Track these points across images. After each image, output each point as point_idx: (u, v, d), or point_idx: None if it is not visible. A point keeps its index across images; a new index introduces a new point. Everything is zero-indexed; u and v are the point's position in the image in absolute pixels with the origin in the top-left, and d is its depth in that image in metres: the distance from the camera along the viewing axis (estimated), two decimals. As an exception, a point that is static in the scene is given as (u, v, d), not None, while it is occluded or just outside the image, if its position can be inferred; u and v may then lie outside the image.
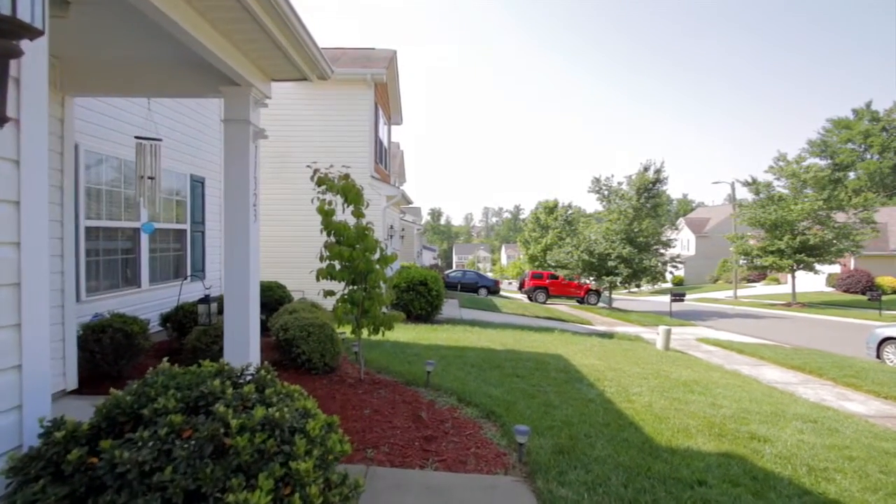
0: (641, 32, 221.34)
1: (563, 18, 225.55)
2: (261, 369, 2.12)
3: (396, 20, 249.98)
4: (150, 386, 1.71)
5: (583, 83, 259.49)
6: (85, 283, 5.02)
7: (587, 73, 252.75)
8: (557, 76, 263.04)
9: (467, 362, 6.65)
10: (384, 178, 14.13)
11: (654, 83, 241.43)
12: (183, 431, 1.47)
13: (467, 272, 29.09)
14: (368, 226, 5.07)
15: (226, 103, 3.68)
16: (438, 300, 11.89)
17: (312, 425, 1.72)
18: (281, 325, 5.59)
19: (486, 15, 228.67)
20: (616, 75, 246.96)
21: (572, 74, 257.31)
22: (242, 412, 1.60)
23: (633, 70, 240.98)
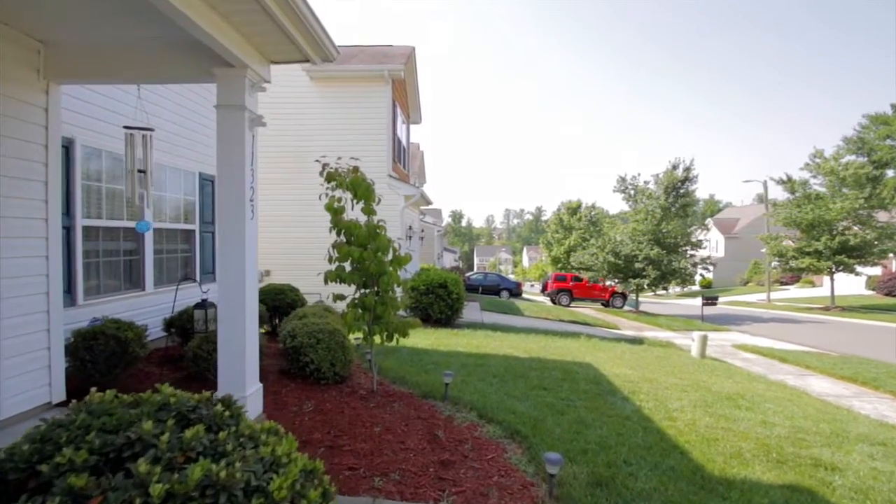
0: (664, 33, 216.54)
1: (585, 19, 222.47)
2: (218, 402, 1.69)
3: (416, 20, 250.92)
4: (65, 427, 1.31)
5: (604, 86, 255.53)
6: (82, 285, 4.76)
7: (608, 75, 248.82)
8: (578, 78, 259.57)
9: (489, 372, 6.17)
10: (403, 177, 13.77)
11: (677, 85, 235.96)
12: (90, 501, 1.06)
13: (489, 274, 28.54)
14: (380, 224, 4.66)
15: (219, 87, 3.32)
16: (459, 303, 11.43)
17: (279, 484, 1.28)
18: (288, 332, 5.22)
19: (509, 13, 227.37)
20: (638, 77, 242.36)
21: (593, 77, 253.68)
22: (177, 469, 1.17)
23: (654, 72, 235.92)
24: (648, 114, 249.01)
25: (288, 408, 4.17)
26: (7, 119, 3.28)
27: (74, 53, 3.53)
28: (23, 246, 3.40)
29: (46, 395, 3.63)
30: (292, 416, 3.97)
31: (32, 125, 3.46)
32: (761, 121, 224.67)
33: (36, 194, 3.50)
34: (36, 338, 3.52)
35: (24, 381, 3.43)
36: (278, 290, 7.75)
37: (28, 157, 3.43)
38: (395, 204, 11.72)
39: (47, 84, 3.56)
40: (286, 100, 11.85)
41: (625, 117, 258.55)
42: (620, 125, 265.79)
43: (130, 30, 3.30)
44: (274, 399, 4.37)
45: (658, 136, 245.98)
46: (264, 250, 11.79)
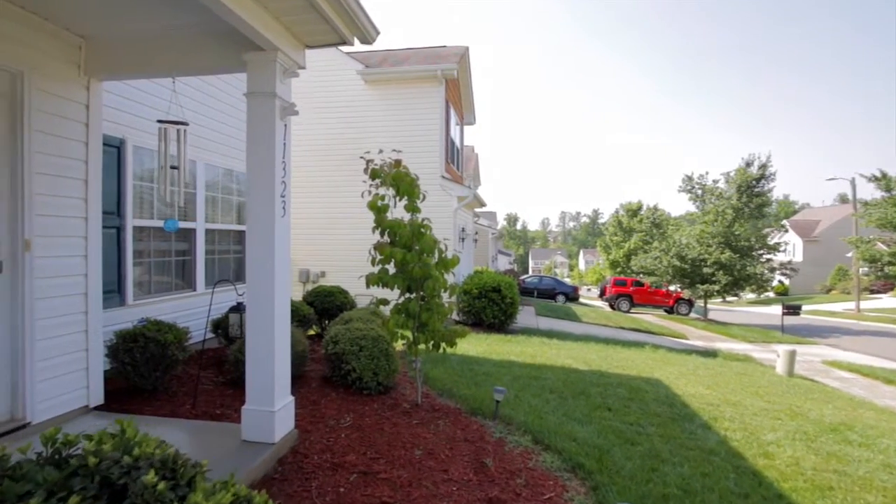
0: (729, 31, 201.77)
1: (642, 24, 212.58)
2: (175, 458, 1.34)
3: (472, 23, 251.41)
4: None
5: (660, 86, 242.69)
6: (132, 286, 4.76)
7: (665, 76, 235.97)
8: (639, 84, 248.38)
9: (545, 386, 5.59)
10: (456, 179, 13.40)
11: (741, 81, 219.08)
12: None
13: (544, 278, 27.52)
14: (425, 223, 4.26)
15: (248, 74, 3.07)
16: (513, 308, 10.86)
17: None
18: (331, 337, 4.96)
19: (568, 22, 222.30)
20: (696, 76, 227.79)
21: (649, 78, 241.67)
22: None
23: (716, 70, 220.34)
24: (713, 115, 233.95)
25: (325, 421, 3.87)
26: (47, 116, 3.22)
27: (113, 48, 3.44)
28: (60, 245, 3.33)
29: (84, 399, 3.56)
30: (328, 432, 3.66)
31: (73, 122, 3.40)
32: (836, 123, 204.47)
33: (75, 192, 3.43)
34: (73, 339, 3.45)
35: (60, 385, 3.36)
36: (327, 292, 7.61)
37: (68, 154, 3.37)
38: (447, 205, 11.38)
39: (88, 80, 3.49)
40: (342, 104, 11.89)
41: (688, 119, 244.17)
42: (683, 128, 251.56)
43: (163, 18, 3.14)
44: (312, 411, 4.09)
45: (725, 138, 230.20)
46: (320, 252, 11.91)
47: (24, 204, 3.10)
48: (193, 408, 3.92)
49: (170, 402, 4.04)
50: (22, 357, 3.15)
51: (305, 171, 11.77)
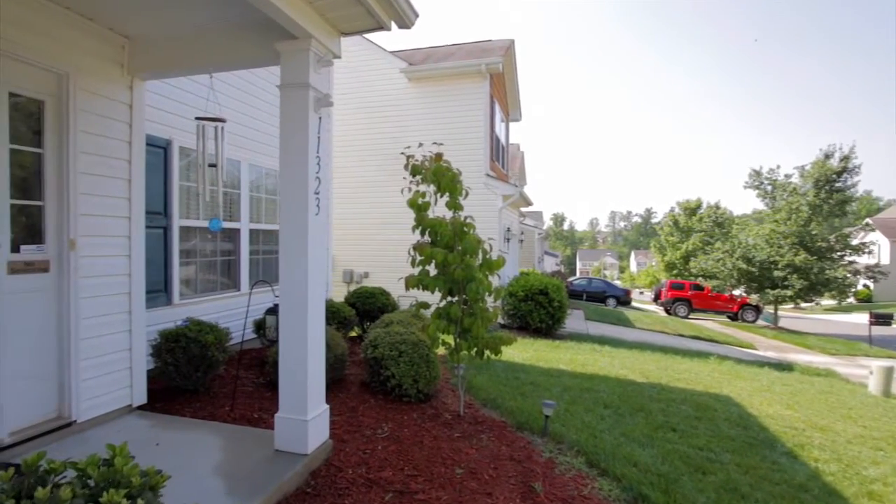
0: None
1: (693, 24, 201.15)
2: None
3: (518, 15, 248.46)
4: None
5: (714, 80, 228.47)
6: (178, 285, 4.81)
7: (719, 69, 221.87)
8: (684, 74, 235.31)
9: (599, 400, 5.13)
10: (501, 177, 13.02)
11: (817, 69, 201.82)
12: None
13: (593, 280, 26.41)
14: (468, 221, 3.98)
15: (282, 65, 2.93)
16: (561, 312, 10.34)
17: None
18: (370, 341, 4.78)
19: (621, 22, 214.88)
20: (757, 69, 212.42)
21: (704, 71, 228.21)
22: None
23: (777, 64, 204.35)
24: (783, 107, 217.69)
25: (362, 431, 3.68)
26: (91, 116, 3.24)
27: (153, 47, 3.43)
28: (104, 244, 3.35)
29: (127, 398, 3.56)
30: (364, 443, 3.46)
31: (116, 122, 3.41)
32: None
33: (119, 192, 3.44)
34: (116, 339, 3.46)
35: (103, 384, 3.37)
36: (369, 293, 7.50)
37: (111, 154, 3.37)
38: (492, 204, 11.04)
39: (131, 80, 3.50)
40: (385, 103, 11.86)
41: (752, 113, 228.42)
42: (745, 124, 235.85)
43: (199, 13, 3.07)
44: (349, 418, 3.91)
45: (796, 131, 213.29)
46: (364, 252, 11.93)
47: (69, 204, 3.12)
48: (232, 410, 3.85)
49: (210, 403, 4.00)
50: (68, 356, 3.17)
51: (348, 171, 11.84)
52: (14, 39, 2.81)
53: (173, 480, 2.70)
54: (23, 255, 2.98)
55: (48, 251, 3.10)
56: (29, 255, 3.01)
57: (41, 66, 2.99)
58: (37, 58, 2.94)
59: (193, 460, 2.90)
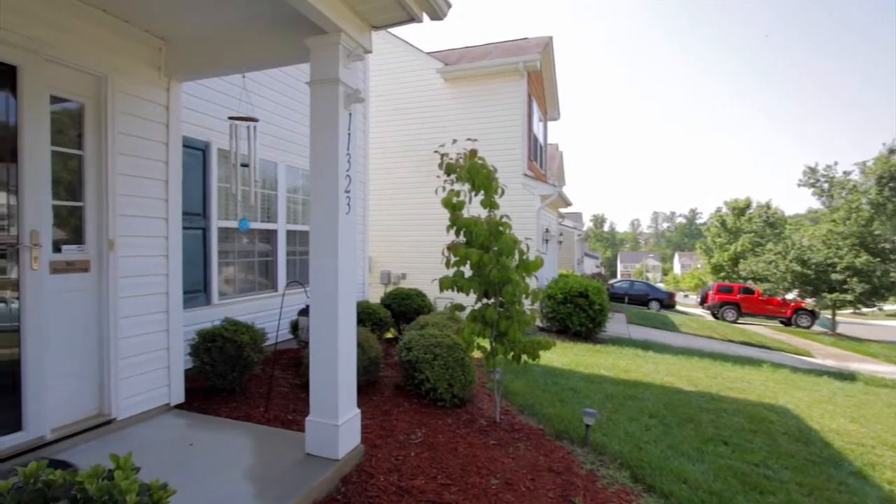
0: None
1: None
2: None
3: (557, 13, 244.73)
4: None
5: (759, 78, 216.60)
6: (217, 286, 4.89)
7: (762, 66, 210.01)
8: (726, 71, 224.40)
9: (643, 409, 4.83)
10: (539, 177, 12.73)
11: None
12: None
13: (635, 282, 25.45)
14: (504, 220, 3.81)
15: (311, 61, 2.87)
16: (601, 315, 9.95)
17: None
18: (405, 343, 4.69)
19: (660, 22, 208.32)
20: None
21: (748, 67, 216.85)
22: None
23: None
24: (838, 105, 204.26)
25: (395, 436, 3.58)
26: (129, 117, 3.30)
27: (189, 48, 3.47)
28: (142, 245, 3.40)
29: (165, 397, 3.61)
30: (397, 449, 3.35)
31: (153, 123, 3.46)
32: None
33: (156, 193, 3.49)
34: (154, 338, 3.51)
35: (142, 382, 3.42)
36: (405, 294, 7.44)
37: (148, 155, 3.43)
38: (530, 204, 10.79)
39: (168, 81, 3.55)
40: (421, 104, 11.84)
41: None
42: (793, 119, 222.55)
43: (232, 11, 3.05)
44: (382, 422, 3.82)
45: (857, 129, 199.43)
46: (400, 253, 11.93)
47: (108, 204, 3.19)
48: (266, 411, 3.85)
49: (246, 403, 4.02)
50: (107, 354, 3.24)
51: (385, 172, 11.87)
52: (54, 43, 2.89)
53: (204, 482, 2.70)
54: (64, 255, 3.06)
55: (88, 251, 3.18)
56: (70, 255, 3.09)
57: (80, 69, 3.07)
58: (76, 60, 3.02)
59: (225, 462, 2.88)
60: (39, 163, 2.86)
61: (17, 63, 2.79)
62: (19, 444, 2.80)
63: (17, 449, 2.78)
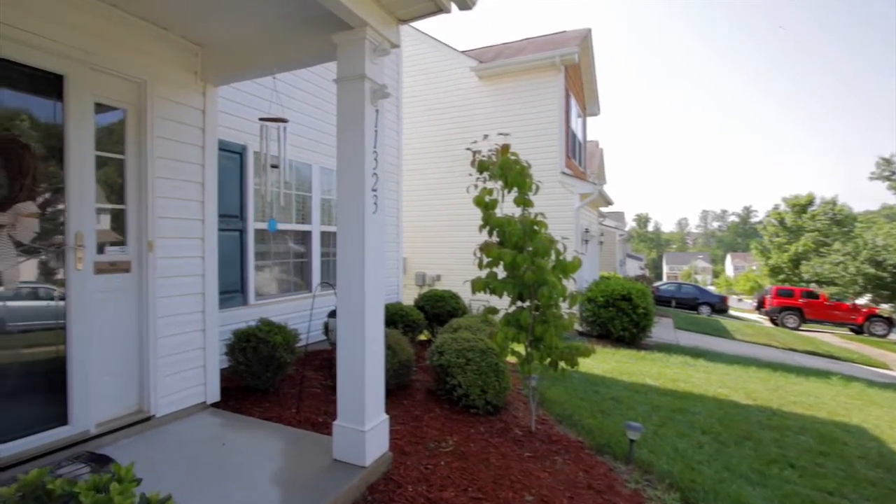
0: None
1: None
2: None
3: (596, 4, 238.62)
4: None
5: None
6: (253, 286, 4.97)
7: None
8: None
9: (694, 424, 4.47)
10: (578, 175, 12.31)
11: None
12: None
13: (683, 285, 24.18)
14: (538, 219, 3.62)
15: (338, 58, 2.81)
16: (646, 320, 9.45)
17: None
18: (437, 346, 4.58)
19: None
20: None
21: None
22: None
23: None
24: None
25: (425, 443, 3.46)
26: (167, 122, 3.37)
27: (223, 53, 3.52)
28: (179, 246, 3.47)
29: (201, 395, 3.67)
30: (427, 457, 3.23)
31: (190, 127, 3.53)
32: None
33: (192, 195, 3.55)
34: (191, 338, 3.57)
35: (179, 381, 3.49)
36: (438, 296, 7.34)
37: (185, 158, 3.50)
38: (568, 203, 10.44)
39: (204, 86, 3.61)
40: (456, 103, 11.74)
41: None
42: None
43: (262, 14, 3.04)
44: (412, 428, 3.72)
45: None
46: (435, 254, 11.88)
47: (147, 207, 3.27)
48: (298, 413, 3.84)
49: (278, 404, 4.03)
50: (147, 353, 3.32)
51: (420, 173, 11.86)
52: (98, 52, 2.99)
53: (231, 484, 2.68)
54: (107, 255, 3.16)
55: (129, 252, 3.27)
56: (113, 256, 3.18)
57: (122, 76, 3.16)
58: (118, 68, 3.11)
59: (254, 464, 2.86)
60: (84, 167, 2.96)
61: (64, 72, 2.90)
62: (65, 438, 2.90)
63: (64, 442, 2.88)
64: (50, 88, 2.85)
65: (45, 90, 2.83)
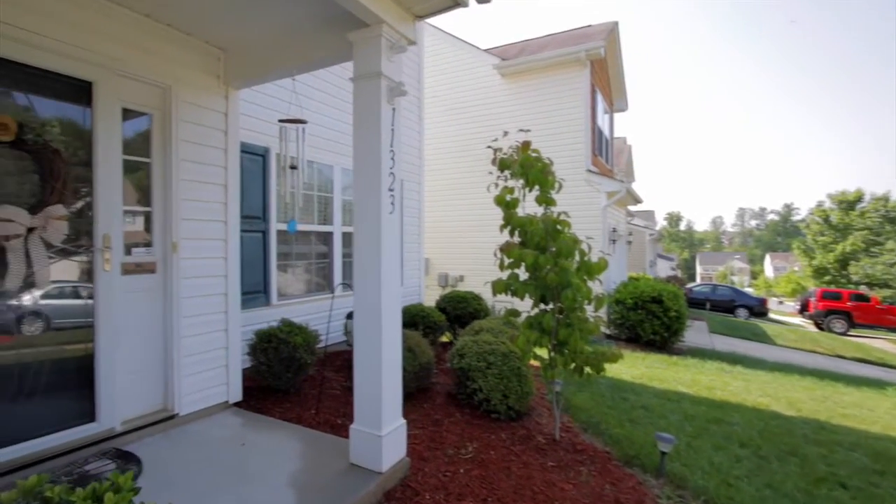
0: None
1: None
2: None
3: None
4: None
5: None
6: (276, 287, 5.01)
7: None
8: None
9: (732, 436, 4.21)
10: (605, 172, 11.98)
11: None
12: None
13: (718, 287, 23.23)
14: (562, 218, 3.48)
15: (354, 57, 2.76)
16: (678, 323, 9.08)
17: None
18: (457, 349, 4.49)
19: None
20: None
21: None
22: None
23: None
24: None
25: (444, 449, 3.38)
26: (191, 125, 3.42)
27: (244, 56, 3.55)
28: (202, 247, 3.51)
29: (224, 395, 3.70)
30: (446, 463, 3.15)
31: (213, 130, 3.57)
32: None
33: (215, 197, 3.59)
34: (213, 338, 3.61)
35: (202, 380, 3.53)
36: (460, 297, 7.25)
37: (208, 161, 3.54)
38: (594, 202, 10.16)
39: (226, 89, 3.65)
40: (477, 102, 11.63)
41: None
42: None
43: (280, 16, 3.04)
44: (432, 433, 3.64)
45: None
46: (457, 255, 11.80)
47: (172, 208, 3.32)
48: (317, 414, 3.82)
49: (298, 404, 4.03)
50: (171, 352, 3.37)
51: (441, 173, 11.80)
52: (125, 59, 3.05)
53: (248, 486, 2.68)
54: (134, 257, 3.22)
55: (155, 253, 3.33)
56: (139, 258, 3.25)
57: (148, 82, 3.22)
58: (144, 74, 3.17)
59: (272, 465, 2.85)
60: (111, 171, 3.02)
61: (93, 79, 2.97)
62: (92, 435, 2.96)
63: (91, 439, 2.95)
64: (79, 95, 2.92)
65: (74, 97, 2.90)
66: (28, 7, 2.61)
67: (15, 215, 2.55)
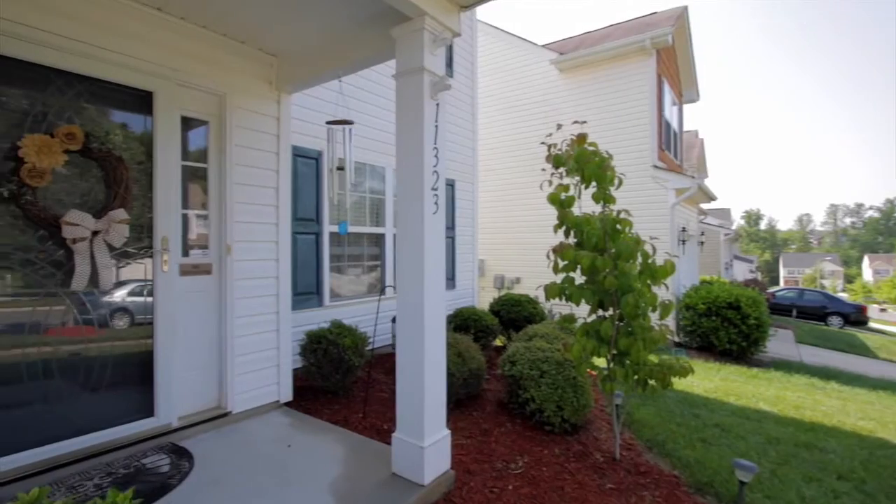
0: None
1: None
2: None
3: None
4: None
5: None
6: (328, 288, 5.06)
7: None
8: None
9: (827, 465, 3.66)
10: (673, 168, 11.17)
11: None
12: None
13: (806, 291, 20.98)
14: (622, 217, 3.17)
15: (397, 53, 2.66)
16: (759, 332, 8.23)
17: None
18: (508, 356, 4.28)
19: None
20: None
21: None
22: None
23: None
24: None
25: (492, 462, 3.19)
26: (245, 131, 3.50)
27: (294, 61, 3.59)
28: (255, 249, 3.58)
29: (275, 394, 3.76)
30: (493, 479, 2.97)
31: (266, 135, 3.64)
32: None
33: (267, 200, 3.66)
34: (265, 338, 3.67)
35: (254, 380, 3.60)
36: (514, 301, 7.01)
37: (261, 165, 3.61)
38: (662, 199, 9.48)
39: (279, 94, 3.71)
40: (534, 99, 11.28)
41: None
42: None
43: (326, 18, 3.02)
44: (480, 444, 3.47)
45: None
46: (514, 257, 11.49)
47: (227, 211, 3.42)
48: (364, 418, 3.79)
49: (346, 406, 4.02)
50: (226, 351, 3.47)
51: (498, 174, 11.55)
52: (183, 69, 3.17)
53: (290, 490, 2.64)
54: (191, 258, 3.34)
55: (211, 255, 3.44)
56: (196, 259, 3.37)
57: (204, 90, 3.34)
58: (201, 83, 3.28)
59: (315, 470, 2.82)
60: (170, 176, 3.16)
61: (153, 89, 3.12)
62: (151, 429, 3.10)
63: (149, 433, 3.09)
64: (140, 104, 3.07)
65: (136, 106, 3.05)
66: (93, 23, 2.76)
67: (81, 220, 2.71)
